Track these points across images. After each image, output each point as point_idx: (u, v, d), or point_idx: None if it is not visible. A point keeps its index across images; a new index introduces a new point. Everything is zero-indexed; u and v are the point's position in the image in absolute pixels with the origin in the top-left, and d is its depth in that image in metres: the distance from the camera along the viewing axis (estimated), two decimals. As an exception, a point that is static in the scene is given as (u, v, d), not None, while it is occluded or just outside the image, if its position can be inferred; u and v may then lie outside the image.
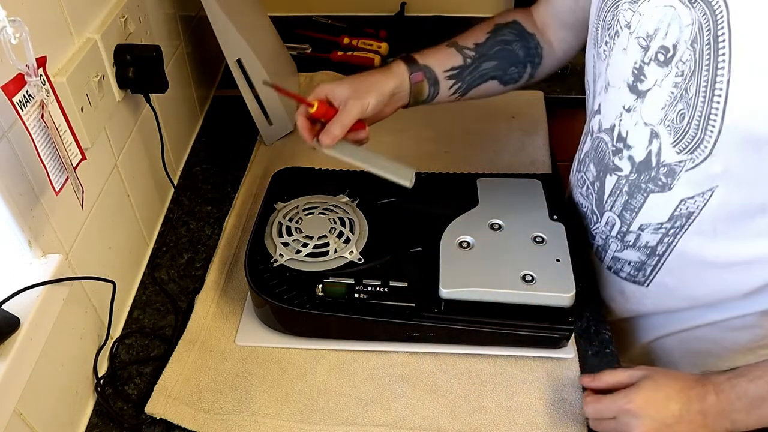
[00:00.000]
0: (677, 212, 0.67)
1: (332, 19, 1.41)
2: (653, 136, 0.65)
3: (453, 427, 0.68)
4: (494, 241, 0.75)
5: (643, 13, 0.64)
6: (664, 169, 0.65)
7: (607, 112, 0.72)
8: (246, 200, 0.96)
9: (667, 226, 0.69)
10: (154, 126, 0.86)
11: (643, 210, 0.70)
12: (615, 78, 0.69)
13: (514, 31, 0.83)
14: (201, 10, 0.92)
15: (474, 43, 0.81)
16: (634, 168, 0.69)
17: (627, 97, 0.67)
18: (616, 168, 0.72)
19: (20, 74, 0.52)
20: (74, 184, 0.61)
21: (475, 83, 0.82)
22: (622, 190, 0.72)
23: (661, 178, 0.66)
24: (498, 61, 0.82)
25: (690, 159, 0.62)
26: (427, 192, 0.85)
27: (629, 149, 0.69)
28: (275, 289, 0.72)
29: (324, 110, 0.74)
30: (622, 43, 0.67)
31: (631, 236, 0.73)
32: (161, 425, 0.69)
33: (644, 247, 0.73)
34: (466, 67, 0.81)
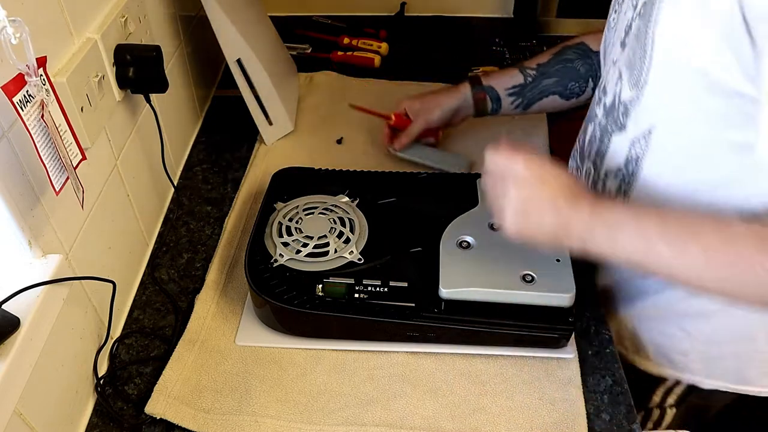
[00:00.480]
0: (629, 156, 0.69)
1: (332, 19, 1.41)
2: (619, 77, 0.69)
3: (453, 427, 0.68)
4: (494, 241, 0.75)
5: None
6: (622, 107, 0.68)
7: (603, 77, 0.76)
8: (246, 200, 0.96)
9: (624, 172, 0.71)
10: (154, 126, 0.86)
11: (608, 154, 0.73)
12: (614, 39, 0.72)
13: (579, 51, 0.90)
14: (201, 10, 0.92)
15: (537, 64, 0.92)
16: (605, 112, 0.73)
17: (617, 51, 0.71)
18: (594, 116, 0.76)
19: (20, 74, 0.52)
20: (74, 184, 0.61)
21: (536, 99, 0.93)
22: (596, 136, 0.76)
23: (619, 117, 0.69)
24: (558, 77, 0.91)
25: (637, 96, 0.65)
26: (427, 192, 0.85)
27: (605, 96, 0.73)
28: (275, 289, 0.72)
29: (401, 121, 0.99)
30: (624, 7, 0.70)
31: (600, 184, 0.76)
32: (161, 425, 0.69)
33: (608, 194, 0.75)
34: (526, 85, 0.92)
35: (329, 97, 1.18)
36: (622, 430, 0.68)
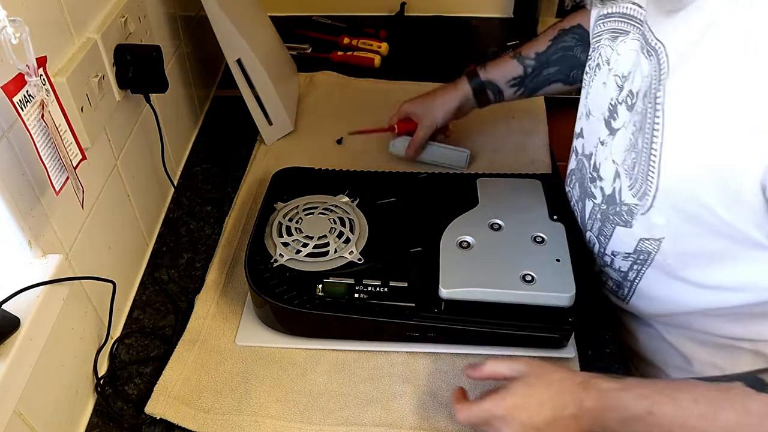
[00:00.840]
0: (639, 248, 0.68)
1: (332, 19, 1.41)
2: (617, 175, 0.67)
3: (453, 427, 0.68)
4: (494, 241, 0.75)
5: (620, 53, 0.66)
6: (625, 207, 0.67)
7: (588, 140, 0.75)
8: (246, 200, 0.96)
9: (634, 257, 0.70)
10: (154, 126, 0.86)
11: (612, 238, 0.72)
12: (595, 109, 0.72)
13: (576, 36, 0.88)
14: (201, 10, 0.92)
15: (535, 53, 0.90)
16: (604, 199, 0.71)
17: (602, 130, 0.70)
18: (592, 195, 0.74)
19: (20, 74, 0.52)
20: (74, 184, 0.61)
21: (539, 87, 0.92)
22: (597, 217, 0.74)
23: (623, 214, 0.68)
24: (559, 66, 0.89)
25: (641, 205, 0.64)
26: (427, 192, 0.85)
27: (601, 181, 0.71)
28: (275, 289, 0.72)
29: (405, 126, 0.99)
30: (602, 77, 0.70)
31: (608, 258, 0.75)
32: (161, 425, 0.69)
33: (618, 270, 0.74)
34: (526, 76, 0.91)
35: (329, 97, 1.18)
36: None
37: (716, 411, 0.55)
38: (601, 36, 0.70)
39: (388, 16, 1.43)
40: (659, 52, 0.59)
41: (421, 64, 1.28)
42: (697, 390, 0.57)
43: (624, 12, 0.66)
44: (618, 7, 0.67)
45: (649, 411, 0.57)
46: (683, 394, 0.56)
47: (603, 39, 0.70)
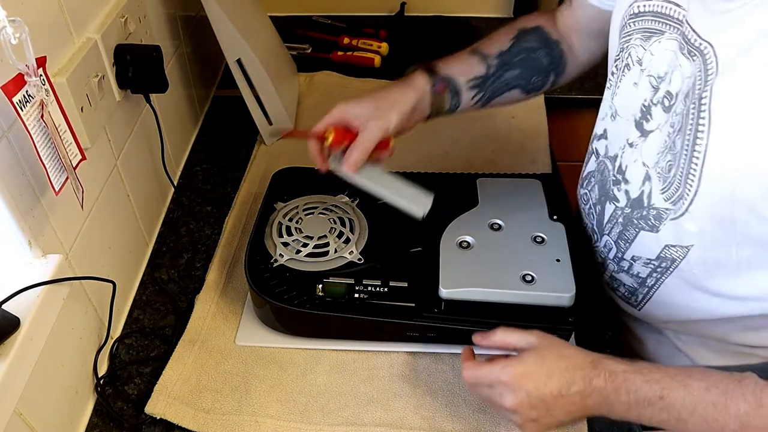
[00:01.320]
0: (663, 254, 0.67)
1: (332, 19, 1.41)
2: (647, 178, 0.65)
3: (453, 427, 0.68)
4: (494, 241, 0.75)
5: (654, 53, 0.63)
6: (654, 211, 0.65)
7: (614, 141, 0.72)
8: (246, 200, 0.96)
9: (655, 264, 0.69)
10: (154, 126, 0.86)
11: (635, 243, 0.70)
12: (623, 109, 0.69)
13: (538, 38, 0.81)
14: (201, 10, 0.92)
15: (498, 51, 0.80)
16: (629, 203, 0.69)
17: (632, 132, 0.67)
18: (614, 198, 0.72)
19: (20, 74, 0.52)
20: (74, 184, 0.61)
21: (498, 92, 0.80)
22: (618, 221, 0.72)
23: (650, 218, 0.66)
24: (521, 69, 0.80)
25: (674, 209, 0.62)
26: (427, 192, 0.85)
27: (627, 183, 0.69)
28: (275, 289, 0.72)
29: (341, 137, 0.71)
30: (633, 77, 0.66)
31: (625, 263, 0.73)
32: (161, 425, 0.69)
33: (636, 276, 0.73)
34: (488, 77, 0.79)
35: (329, 97, 1.18)
36: (621, 430, 0.68)
37: (728, 400, 0.54)
38: (631, 35, 0.67)
39: (388, 16, 1.43)
40: (705, 52, 0.57)
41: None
42: (710, 378, 0.56)
43: (659, 11, 0.63)
44: (652, 6, 0.63)
45: (660, 395, 0.56)
46: (695, 382, 0.56)
47: (634, 39, 0.66)
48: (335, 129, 0.71)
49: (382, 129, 0.71)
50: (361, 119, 0.71)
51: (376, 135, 0.70)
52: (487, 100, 0.80)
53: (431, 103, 0.76)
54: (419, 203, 0.71)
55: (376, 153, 0.72)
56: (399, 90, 0.74)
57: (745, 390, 0.55)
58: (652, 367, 0.58)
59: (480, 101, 0.80)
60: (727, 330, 0.69)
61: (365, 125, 0.71)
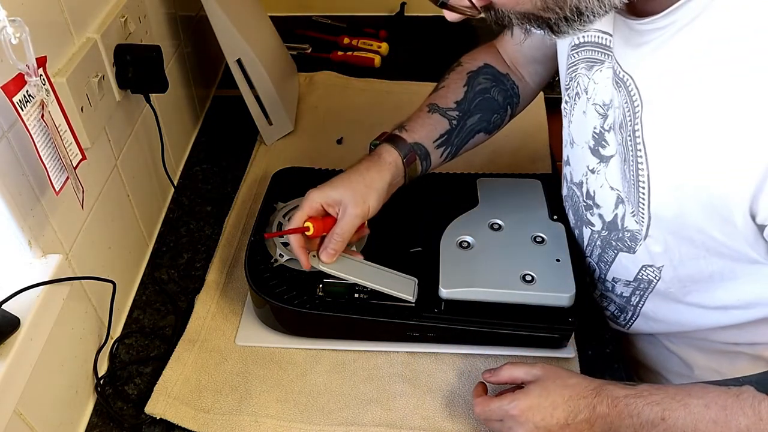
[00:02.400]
0: (640, 276, 0.68)
1: (332, 19, 1.41)
2: (619, 201, 0.66)
3: (453, 427, 0.68)
4: (494, 241, 0.75)
5: (597, 81, 0.65)
6: (628, 233, 0.66)
7: (575, 168, 0.74)
8: (246, 200, 0.96)
9: (635, 285, 0.70)
10: (154, 126, 0.86)
11: (614, 265, 0.71)
12: (578, 137, 0.71)
13: (488, 77, 0.81)
14: (201, 10, 0.92)
15: (454, 102, 0.79)
16: (605, 226, 0.70)
17: (590, 158, 0.69)
18: (589, 222, 0.73)
19: (20, 74, 0.52)
20: (74, 184, 0.61)
21: (464, 142, 0.80)
22: (596, 244, 0.73)
23: (626, 240, 0.67)
24: (481, 113, 0.80)
25: (642, 231, 0.64)
26: (427, 192, 0.85)
27: (598, 208, 0.70)
28: (275, 289, 0.72)
29: (321, 226, 0.69)
30: (581, 106, 0.68)
31: (608, 284, 0.75)
32: (161, 425, 0.69)
33: (620, 297, 0.74)
34: (452, 130, 0.78)
35: (329, 97, 1.18)
36: None
37: (728, 416, 0.55)
38: (577, 65, 0.69)
39: (388, 16, 1.43)
40: (628, 84, 0.59)
41: (421, 64, 1.28)
42: (708, 395, 0.57)
43: (596, 41, 0.65)
44: (590, 36, 0.65)
45: (662, 417, 0.57)
46: (695, 400, 0.57)
47: (579, 68, 0.68)
48: (313, 220, 0.69)
49: (361, 216, 0.69)
50: (338, 203, 0.70)
51: (355, 223, 0.69)
52: (455, 152, 0.80)
53: (404, 174, 0.75)
54: (407, 290, 0.71)
55: (353, 236, 0.71)
56: (372, 170, 0.72)
57: (744, 404, 0.55)
58: (653, 389, 0.59)
59: (448, 155, 0.79)
60: (714, 331, 0.70)
61: (344, 213, 0.69)
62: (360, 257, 0.73)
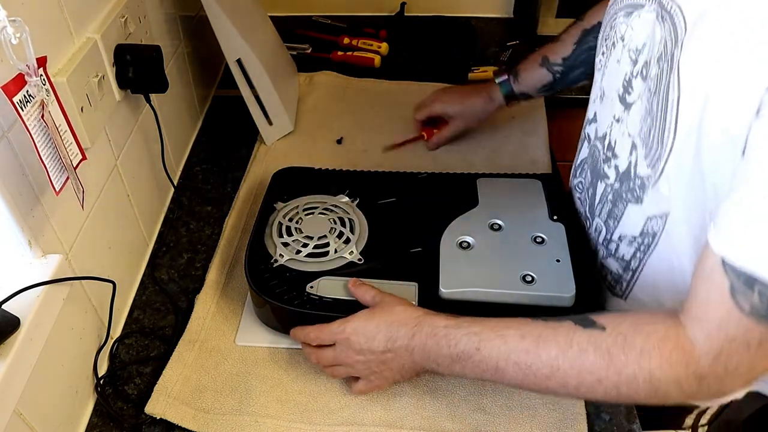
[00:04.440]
0: (645, 229, 0.68)
1: (332, 19, 1.41)
2: (633, 147, 0.67)
3: (453, 427, 0.68)
4: (494, 241, 0.75)
5: (634, 27, 0.66)
6: (639, 181, 0.66)
7: (602, 121, 0.74)
8: (246, 200, 0.96)
9: (639, 241, 0.70)
10: (154, 126, 0.86)
11: (623, 220, 0.71)
12: (609, 88, 0.71)
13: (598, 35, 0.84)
14: (201, 10, 0.92)
15: (563, 58, 0.93)
16: (618, 177, 0.70)
17: (617, 107, 0.69)
18: (605, 175, 0.73)
19: (20, 74, 0.52)
20: (74, 184, 0.61)
21: (564, 88, 0.97)
22: (608, 198, 0.73)
23: (636, 190, 0.67)
24: (584, 67, 0.92)
25: (653, 175, 0.63)
26: (427, 192, 0.85)
27: (616, 158, 0.70)
28: (275, 289, 0.72)
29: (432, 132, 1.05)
30: (617, 54, 0.69)
31: (613, 245, 0.74)
32: (161, 425, 0.69)
33: (621, 260, 0.73)
34: (555, 82, 0.95)
35: (329, 97, 1.18)
36: (622, 430, 0.68)
37: (539, 345, 0.57)
38: (616, 15, 0.70)
39: (388, 16, 1.43)
40: (675, 15, 0.59)
41: (421, 64, 1.28)
42: (525, 327, 0.59)
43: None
44: None
45: (477, 347, 0.59)
46: (512, 331, 0.59)
47: (618, 17, 0.69)
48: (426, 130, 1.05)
49: (463, 127, 1.03)
50: (449, 116, 1.02)
51: (457, 130, 1.03)
52: (556, 93, 1.00)
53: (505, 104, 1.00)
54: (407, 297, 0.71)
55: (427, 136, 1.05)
56: (480, 98, 1.00)
57: (558, 335, 0.57)
58: (475, 321, 0.61)
59: (549, 95, 1.02)
60: None
61: (452, 122, 1.02)
62: None
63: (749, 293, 0.49)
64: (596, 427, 0.68)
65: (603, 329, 0.56)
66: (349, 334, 0.65)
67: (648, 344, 0.54)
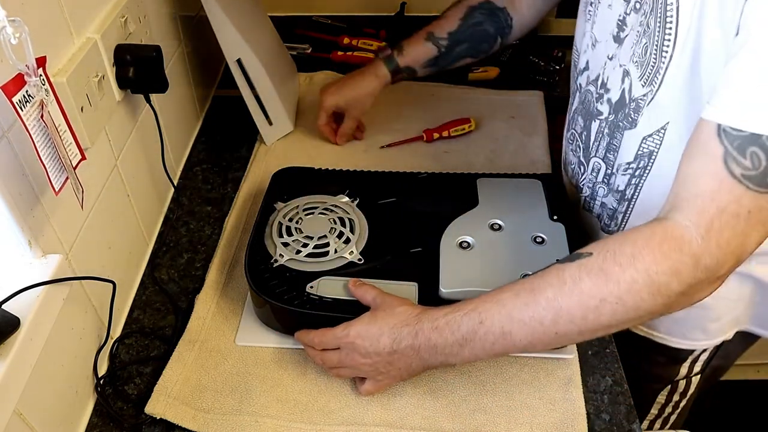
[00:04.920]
0: (640, 151, 0.68)
1: (332, 19, 1.41)
2: (625, 75, 0.67)
3: (453, 427, 0.68)
4: (494, 241, 0.75)
5: None
6: (633, 104, 0.67)
7: (594, 65, 0.75)
8: (246, 200, 0.96)
9: (633, 167, 0.70)
10: (154, 126, 0.86)
11: (620, 149, 0.72)
12: (601, 33, 0.72)
13: (485, 11, 0.93)
14: (201, 10, 0.92)
15: (447, 32, 0.94)
16: (612, 109, 0.71)
17: (611, 47, 0.70)
18: (598, 113, 0.74)
19: (20, 74, 0.52)
20: (74, 184, 0.61)
21: (449, 64, 0.98)
22: (604, 133, 0.74)
23: (630, 113, 0.68)
24: (470, 43, 0.95)
25: (650, 91, 0.64)
26: (427, 192, 0.85)
27: (608, 92, 0.71)
28: (275, 289, 0.72)
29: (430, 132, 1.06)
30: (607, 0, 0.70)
31: (614, 178, 0.75)
32: (161, 425, 0.69)
33: (616, 192, 0.74)
34: (440, 56, 0.96)
35: (329, 97, 1.18)
36: (622, 430, 0.68)
37: (536, 294, 0.57)
38: None
39: (388, 16, 1.43)
40: None
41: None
42: (517, 286, 0.60)
43: None
44: None
45: (479, 321, 0.59)
46: (506, 293, 0.59)
47: None
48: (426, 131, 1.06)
49: (360, 115, 1.02)
50: (343, 108, 1.01)
51: (355, 122, 1.03)
52: (439, 71, 1.00)
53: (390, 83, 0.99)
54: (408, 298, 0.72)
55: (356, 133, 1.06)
56: (366, 79, 0.99)
57: (549, 277, 0.57)
58: (468, 300, 0.62)
59: (434, 71, 0.99)
60: None
61: (348, 113, 1.02)
62: None
63: (741, 159, 0.50)
64: (596, 427, 0.68)
65: (590, 254, 0.57)
66: (353, 338, 0.65)
67: (637, 247, 0.54)
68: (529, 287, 0.58)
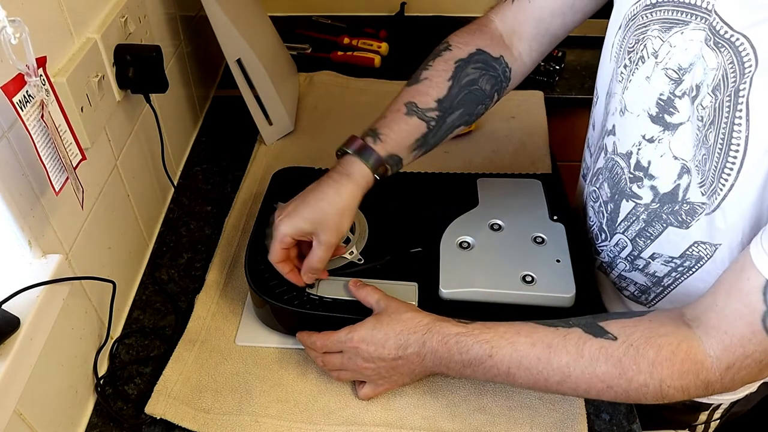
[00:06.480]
0: (689, 252, 0.66)
1: (332, 19, 1.41)
2: (684, 171, 0.63)
3: (453, 427, 0.68)
4: (494, 241, 0.75)
5: (674, 44, 0.61)
6: (687, 206, 0.64)
7: (624, 138, 0.69)
8: (246, 200, 0.96)
9: (678, 262, 0.68)
10: (154, 126, 0.86)
11: (658, 240, 0.69)
12: (634, 105, 0.66)
13: (479, 65, 0.74)
14: (201, 10, 0.92)
15: (436, 100, 0.73)
16: (657, 198, 0.67)
17: (649, 127, 0.65)
18: (633, 195, 0.69)
19: (20, 74, 0.52)
20: (74, 184, 0.61)
21: (441, 139, 0.75)
22: (639, 218, 0.70)
23: (682, 214, 0.65)
24: (464, 107, 0.74)
25: (708, 204, 0.61)
26: (427, 192, 0.85)
27: (652, 179, 0.66)
28: (275, 289, 0.72)
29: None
30: (646, 70, 0.64)
31: (641, 262, 0.72)
32: (161, 425, 0.69)
33: (652, 275, 0.72)
34: (430, 131, 0.73)
35: (329, 97, 1.18)
36: (622, 430, 0.68)
37: (551, 353, 0.58)
38: (647, 27, 0.63)
39: (388, 16, 1.43)
40: (739, 45, 0.54)
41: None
42: (536, 334, 0.60)
43: (681, 0, 0.59)
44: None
45: (489, 354, 0.60)
46: (523, 338, 0.60)
47: (651, 30, 0.63)
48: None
49: (336, 241, 0.69)
50: (307, 233, 0.69)
51: (330, 250, 0.69)
52: (430, 149, 0.76)
53: (374, 182, 0.72)
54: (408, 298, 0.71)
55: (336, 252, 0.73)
56: (338, 188, 0.69)
57: (569, 343, 0.58)
58: (485, 327, 0.62)
59: (423, 154, 0.75)
60: None
61: (319, 242, 0.69)
62: None
63: None
64: (596, 427, 0.68)
65: (614, 339, 0.57)
66: (357, 343, 0.65)
67: (660, 356, 0.55)
68: (547, 342, 0.59)
